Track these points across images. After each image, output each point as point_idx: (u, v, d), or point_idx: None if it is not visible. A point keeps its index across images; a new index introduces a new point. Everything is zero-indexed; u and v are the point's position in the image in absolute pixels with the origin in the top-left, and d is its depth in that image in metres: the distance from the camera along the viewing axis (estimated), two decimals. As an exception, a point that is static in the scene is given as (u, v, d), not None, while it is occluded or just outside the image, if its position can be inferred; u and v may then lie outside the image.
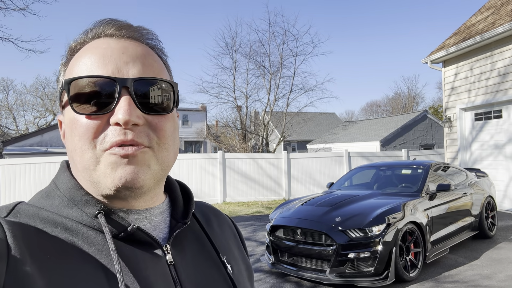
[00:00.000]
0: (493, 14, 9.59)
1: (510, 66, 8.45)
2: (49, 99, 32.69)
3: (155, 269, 0.57)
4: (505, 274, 4.63)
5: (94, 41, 0.60)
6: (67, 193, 0.57)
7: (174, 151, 0.61)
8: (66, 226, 0.54)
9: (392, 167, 6.35)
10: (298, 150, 31.36)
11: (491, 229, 6.38)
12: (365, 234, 4.31)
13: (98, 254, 0.53)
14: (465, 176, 6.44)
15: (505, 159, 8.87)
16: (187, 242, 0.66)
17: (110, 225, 0.56)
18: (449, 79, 10.39)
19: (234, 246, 0.78)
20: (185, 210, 0.69)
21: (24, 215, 0.53)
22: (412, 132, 21.32)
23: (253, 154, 13.19)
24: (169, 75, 0.66)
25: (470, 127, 9.96)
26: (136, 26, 0.63)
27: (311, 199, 5.48)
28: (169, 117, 0.60)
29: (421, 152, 14.55)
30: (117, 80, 0.54)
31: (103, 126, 0.54)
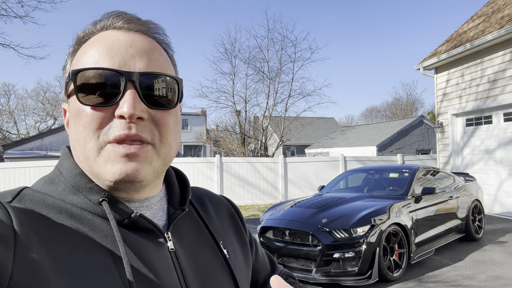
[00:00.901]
0: (483, 22, 9.80)
1: (499, 73, 8.64)
2: (50, 103, 32.95)
3: (158, 256, 0.58)
4: (487, 275, 4.78)
5: (102, 32, 0.60)
6: (72, 180, 0.58)
7: (176, 145, 0.62)
8: (71, 213, 0.54)
9: (381, 170, 6.53)
10: (297, 154, 31.53)
11: (478, 232, 6.54)
12: (350, 235, 4.48)
13: (104, 240, 0.54)
14: (452, 180, 6.60)
15: (495, 164, 9.03)
16: (185, 229, 0.67)
17: (114, 212, 0.57)
18: (441, 85, 10.59)
19: (231, 229, 0.79)
20: (182, 197, 0.70)
21: (30, 201, 0.54)
22: (408, 137, 21.51)
23: (250, 158, 13.37)
24: (175, 70, 0.67)
25: (461, 133, 10.14)
26: (145, 20, 0.64)
27: (300, 201, 5.65)
28: (173, 112, 0.61)
29: (416, 157, 14.71)
30: (123, 73, 0.55)
31: (108, 118, 0.55)
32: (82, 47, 0.60)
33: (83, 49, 0.59)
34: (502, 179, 8.84)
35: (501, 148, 8.86)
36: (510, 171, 8.63)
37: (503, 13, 9.21)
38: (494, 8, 10.20)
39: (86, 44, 0.59)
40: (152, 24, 0.64)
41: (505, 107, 8.71)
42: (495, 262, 5.28)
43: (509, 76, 8.37)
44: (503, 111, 8.80)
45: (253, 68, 18.69)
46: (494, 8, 10.16)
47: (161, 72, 0.59)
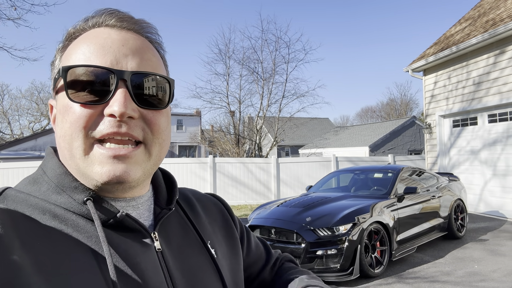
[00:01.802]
0: (470, 25, 10.03)
1: (484, 75, 8.86)
2: (44, 103, 32.93)
3: (145, 256, 0.57)
4: (464, 271, 4.97)
5: (94, 29, 0.59)
6: (55, 179, 0.57)
7: (166, 145, 0.62)
8: (54, 213, 0.53)
9: (366, 171, 6.72)
10: (292, 154, 31.72)
11: (460, 230, 6.74)
12: (333, 233, 4.66)
13: (88, 241, 0.53)
14: (435, 180, 6.80)
15: (480, 164, 9.26)
16: (172, 229, 0.66)
17: (99, 211, 0.55)
18: (429, 87, 10.81)
19: (220, 227, 0.79)
20: (169, 197, 0.70)
21: (12, 201, 0.53)
22: (400, 138, 21.78)
23: (243, 158, 13.53)
24: (166, 70, 0.66)
25: (448, 134, 10.37)
26: (137, 19, 0.63)
27: (287, 201, 5.83)
28: (164, 112, 0.60)
29: (407, 157, 14.94)
30: (115, 72, 0.54)
31: (96, 116, 0.54)
32: (72, 43, 0.59)
33: (73, 45, 0.58)
34: (486, 179, 9.07)
35: (485, 149, 9.09)
36: (494, 171, 8.86)
37: (488, 17, 9.44)
38: (480, 12, 10.43)
39: (77, 41, 0.59)
40: (145, 23, 0.63)
41: (489, 109, 8.94)
42: (474, 259, 5.48)
43: (493, 79, 8.60)
44: (488, 112, 9.03)
45: (247, 69, 18.86)
46: (480, 12, 10.39)
47: (153, 72, 0.58)
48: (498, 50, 8.44)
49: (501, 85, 8.36)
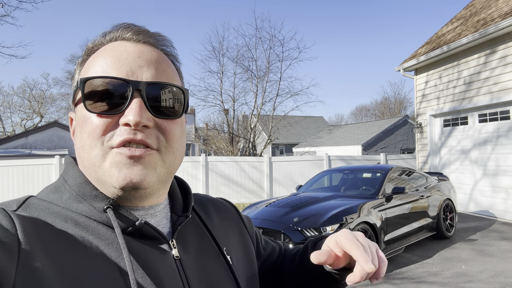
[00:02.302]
0: (461, 25, 10.04)
1: (475, 75, 8.88)
2: (37, 101, 32.67)
3: (163, 264, 0.58)
4: (452, 272, 4.98)
5: (112, 43, 0.62)
6: (76, 188, 0.58)
7: (180, 155, 0.63)
8: (76, 221, 0.55)
9: (355, 171, 6.71)
10: (286, 153, 31.71)
11: (449, 230, 6.75)
12: (320, 233, 4.63)
13: (108, 248, 0.54)
14: (424, 179, 6.81)
15: (471, 164, 9.29)
16: (189, 236, 0.68)
17: (119, 219, 0.57)
18: (420, 87, 10.83)
19: (234, 232, 0.80)
20: (185, 204, 0.71)
21: (35, 209, 0.54)
22: (393, 137, 21.85)
23: (236, 157, 13.48)
24: (181, 81, 0.68)
25: (439, 133, 10.39)
26: (153, 32, 0.65)
27: (275, 201, 5.80)
28: (178, 122, 0.61)
29: (399, 156, 14.96)
30: (130, 82, 0.56)
31: (113, 125, 0.55)
32: (91, 57, 0.62)
33: (92, 59, 0.61)
34: (477, 178, 9.10)
35: (476, 148, 9.11)
36: (484, 171, 8.88)
37: (479, 17, 9.45)
38: (472, 11, 10.44)
39: (95, 54, 0.61)
40: (160, 36, 0.65)
41: (480, 109, 8.96)
42: (462, 259, 5.48)
43: (483, 79, 8.62)
44: (478, 112, 9.05)
45: (241, 67, 18.80)
46: (472, 12, 10.41)
47: (168, 82, 0.60)
48: (488, 50, 8.45)
49: (492, 85, 8.38)
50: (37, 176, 10.43)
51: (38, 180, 10.40)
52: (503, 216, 8.35)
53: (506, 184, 8.29)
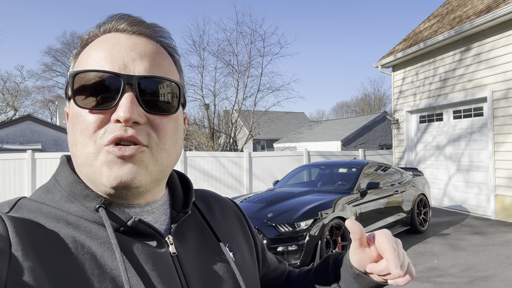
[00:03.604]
0: (438, 22, 10.17)
1: (450, 72, 9.01)
2: (10, 94, 31.65)
3: (159, 261, 0.57)
4: (423, 266, 5.03)
5: (105, 35, 0.59)
6: (68, 188, 0.57)
7: (175, 152, 0.60)
8: (67, 221, 0.54)
9: (331, 166, 6.71)
10: (267, 148, 31.78)
11: (423, 224, 6.84)
12: (294, 229, 4.60)
13: (101, 248, 0.53)
14: (399, 175, 6.87)
15: (445, 160, 9.45)
16: (189, 232, 0.66)
17: (111, 218, 0.56)
18: (398, 83, 10.94)
19: (238, 231, 0.78)
20: (185, 200, 0.69)
21: (27, 210, 0.53)
22: (371, 133, 22.11)
23: (216, 152, 13.37)
24: (180, 75, 0.66)
25: (415, 129, 10.53)
26: (149, 23, 0.62)
27: (251, 197, 5.74)
28: (172, 118, 0.59)
29: (377, 151, 15.15)
30: (121, 76, 0.53)
31: (105, 122, 0.54)
32: (84, 50, 0.60)
33: (85, 51, 0.59)
34: (451, 174, 9.27)
35: (450, 144, 9.27)
36: (458, 166, 9.05)
37: (455, 14, 9.58)
38: (449, 9, 10.59)
39: (89, 47, 0.59)
40: (157, 28, 0.63)
41: (454, 105, 9.11)
42: (434, 253, 5.56)
43: (458, 75, 8.75)
44: (453, 108, 9.20)
45: (222, 61, 18.71)
46: (449, 9, 10.55)
47: (161, 76, 0.57)
48: (463, 47, 8.58)
49: (466, 82, 8.52)
50: (8, 171, 10.07)
51: (10, 175, 10.05)
52: (475, 210, 8.53)
53: (478, 180, 8.47)
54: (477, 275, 4.58)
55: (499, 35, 7.65)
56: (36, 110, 37.27)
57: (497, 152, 7.77)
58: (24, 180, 10.12)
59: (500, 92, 7.63)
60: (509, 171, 7.54)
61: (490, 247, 5.77)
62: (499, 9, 7.21)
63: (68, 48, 40.50)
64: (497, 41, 7.69)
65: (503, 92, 7.57)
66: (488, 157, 8.04)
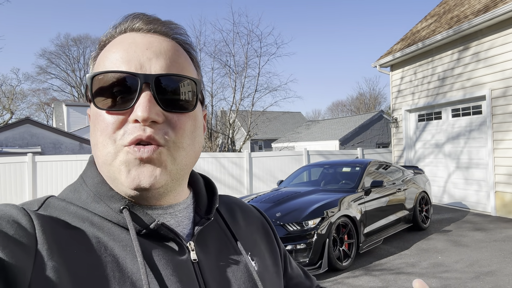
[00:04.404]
0: (435, 22, 10.29)
1: (448, 71, 9.13)
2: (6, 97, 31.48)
3: (179, 267, 0.56)
4: (428, 262, 5.13)
5: (121, 35, 0.60)
6: (94, 188, 0.58)
7: (194, 150, 0.60)
8: (92, 222, 0.54)
9: (335, 165, 6.80)
10: (265, 148, 31.83)
11: (425, 221, 6.95)
12: (302, 227, 4.68)
13: (123, 251, 0.53)
14: (401, 173, 6.97)
15: (444, 157, 9.58)
16: (211, 239, 0.65)
17: (134, 221, 0.56)
18: (396, 82, 11.06)
19: (261, 240, 0.76)
20: (209, 205, 0.68)
21: (54, 209, 0.54)
22: (369, 131, 22.25)
23: (216, 153, 13.41)
24: (198, 71, 0.66)
25: (414, 128, 10.66)
26: (164, 21, 0.63)
27: (257, 197, 5.81)
28: (191, 115, 0.59)
29: (375, 150, 15.25)
30: (138, 76, 0.54)
31: (124, 122, 0.54)
32: (102, 51, 0.60)
33: (103, 53, 0.59)
34: (450, 171, 9.39)
35: (449, 142, 9.40)
36: (457, 164, 9.18)
37: (452, 14, 9.71)
38: (446, 8, 10.72)
39: (106, 48, 0.59)
40: (173, 25, 0.63)
41: (453, 104, 9.24)
42: (438, 250, 5.66)
43: (457, 74, 8.87)
44: (451, 107, 9.33)
45: (219, 62, 18.74)
46: (446, 9, 10.68)
47: (178, 74, 0.57)
48: (462, 46, 8.70)
49: (465, 81, 8.64)
50: (9, 174, 10.06)
51: (10, 178, 10.04)
52: (475, 207, 8.66)
53: (478, 177, 8.59)
54: (482, 271, 4.68)
55: (497, 34, 7.78)
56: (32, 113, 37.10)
57: (497, 149, 7.90)
58: (25, 183, 10.12)
59: (499, 90, 7.76)
60: (508, 168, 7.66)
61: (493, 243, 5.88)
62: (497, 9, 7.34)
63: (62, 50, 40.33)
64: (495, 40, 7.81)
65: (502, 90, 7.69)
66: (488, 154, 8.16)
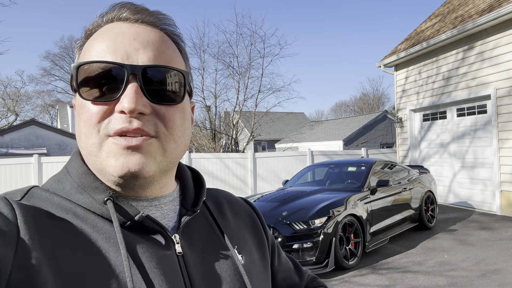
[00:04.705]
0: (439, 22, 10.29)
1: (453, 70, 9.13)
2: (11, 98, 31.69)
3: (164, 260, 0.55)
4: (435, 261, 5.14)
5: (108, 25, 0.58)
6: (78, 179, 0.57)
7: (184, 142, 0.59)
8: (76, 213, 0.53)
9: (340, 165, 6.82)
10: (268, 149, 31.85)
11: (431, 221, 6.95)
12: (308, 226, 4.71)
13: (106, 243, 0.52)
14: (407, 172, 6.98)
15: (449, 157, 9.57)
16: (197, 232, 0.65)
17: (119, 212, 0.55)
18: (400, 82, 11.06)
19: (250, 233, 0.75)
20: (196, 198, 0.67)
21: (37, 199, 0.54)
22: (373, 132, 22.24)
23: (220, 154, 13.46)
24: (186, 63, 0.64)
25: (419, 127, 10.65)
26: (153, 11, 0.61)
27: (263, 196, 5.85)
28: (179, 107, 0.58)
29: (379, 150, 15.25)
30: (125, 67, 0.52)
31: (108, 112, 0.53)
32: (88, 41, 0.58)
33: (89, 42, 0.58)
34: (455, 171, 9.39)
35: (454, 142, 9.39)
36: (462, 163, 9.17)
37: (456, 14, 9.71)
38: (450, 8, 10.72)
39: (92, 37, 0.58)
40: (161, 15, 0.61)
41: (458, 103, 9.23)
42: (444, 249, 5.67)
43: (461, 74, 8.87)
44: (456, 106, 9.32)
45: (222, 63, 18.80)
46: (450, 8, 10.68)
47: (166, 65, 0.56)
48: (466, 45, 8.70)
49: (470, 80, 8.64)
50: (15, 175, 10.14)
51: (16, 179, 10.12)
52: (480, 206, 8.65)
53: (483, 176, 8.58)
54: (488, 269, 4.69)
55: (502, 33, 7.77)
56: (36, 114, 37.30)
57: (502, 148, 7.89)
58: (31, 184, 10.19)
59: (504, 89, 7.76)
60: (514, 167, 7.65)
61: (499, 241, 5.88)
62: (502, 8, 7.34)
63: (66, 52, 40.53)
64: (500, 39, 7.81)
65: (507, 90, 7.69)
66: (493, 153, 8.16)
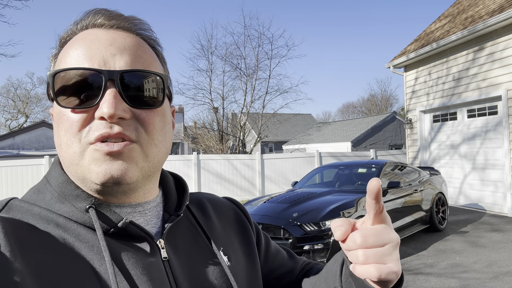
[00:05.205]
0: (449, 22, 10.23)
1: (463, 71, 9.07)
2: (21, 100, 32.10)
3: (149, 266, 0.55)
4: (446, 263, 5.10)
5: (83, 32, 0.58)
6: (58, 188, 0.56)
7: (165, 146, 0.59)
8: (57, 223, 0.53)
9: (350, 166, 6.81)
10: (275, 150, 31.82)
11: (442, 222, 6.90)
12: (319, 228, 4.70)
13: (90, 251, 0.52)
14: (417, 174, 6.95)
15: (460, 158, 9.49)
16: (182, 236, 0.65)
17: (102, 220, 0.54)
18: (410, 83, 11.00)
19: (236, 233, 0.75)
20: (179, 203, 0.67)
21: (17, 211, 0.53)
22: (381, 133, 22.14)
23: (228, 155, 13.50)
24: (163, 67, 0.64)
25: (429, 128, 10.58)
26: (127, 16, 0.61)
27: (273, 197, 5.85)
28: (159, 111, 0.57)
29: (388, 152, 15.19)
30: (102, 73, 0.52)
31: (88, 120, 0.52)
32: (63, 49, 0.58)
33: (64, 50, 0.57)
34: (466, 172, 9.31)
35: (465, 143, 9.32)
36: (473, 165, 9.09)
37: (467, 14, 9.64)
38: (460, 9, 10.65)
39: (67, 45, 0.57)
40: (136, 20, 0.61)
41: (468, 104, 9.16)
42: (456, 251, 5.63)
43: (472, 75, 8.80)
44: (467, 107, 9.25)
45: (230, 65, 18.79)
46: (460, 9, 10.61)
47: (143, 70, 0.56)
48: (477, 46, 8.64)
49: (480, 81, 8.57)
50: (27, 176, 10.25)
51: (28, 181, 10.23)
52: (491, 208, 8.56)
53: (494, 178, 8.50)
54: (501, 271, 4.65)
55: (513, 34, 7.71)
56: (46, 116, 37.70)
57: (514, 150, 7.81)
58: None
59: (515, 90, 7.68)
60: (526, 169, 7.57)
61: (510, 243, 5.83)
62: (513, 8, 7.27)
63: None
64: (511, 40, 7.74)
65: (518, 91, 7.61)
66: (504, 155, 8.08)
